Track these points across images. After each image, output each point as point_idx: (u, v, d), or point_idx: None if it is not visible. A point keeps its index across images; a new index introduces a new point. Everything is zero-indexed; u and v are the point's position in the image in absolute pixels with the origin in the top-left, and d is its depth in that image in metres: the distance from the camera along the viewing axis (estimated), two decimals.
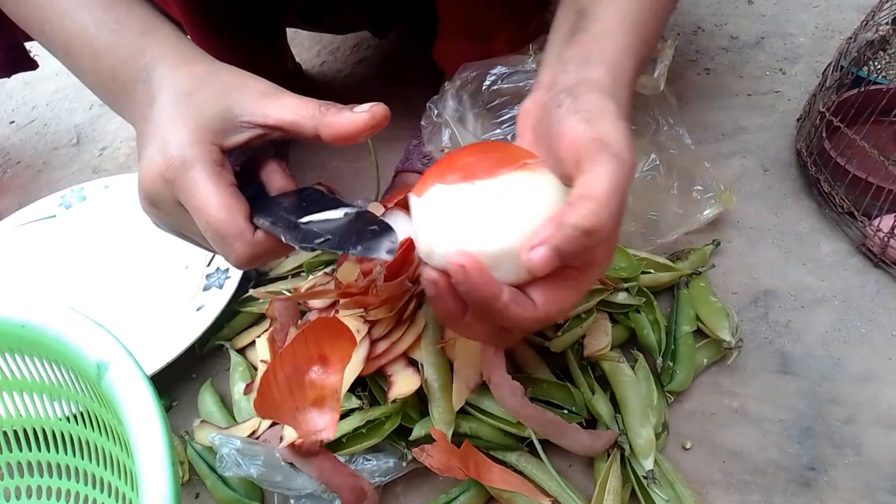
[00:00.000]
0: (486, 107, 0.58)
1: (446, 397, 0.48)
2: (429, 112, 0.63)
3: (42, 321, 0.45)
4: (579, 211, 0.30)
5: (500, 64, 0.59)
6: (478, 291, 0.32)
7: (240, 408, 0.57)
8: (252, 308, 0.65)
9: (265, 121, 0.37)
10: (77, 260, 0.73)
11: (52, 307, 0.45)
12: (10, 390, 0.51)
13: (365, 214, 0.36)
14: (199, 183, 0.35)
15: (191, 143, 0.36)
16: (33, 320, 0.45)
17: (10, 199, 0.87)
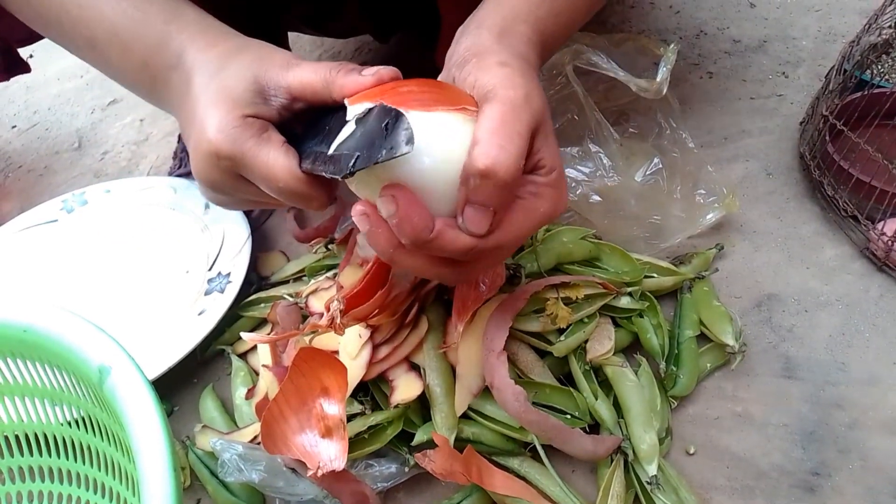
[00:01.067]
0: None
1: (449, 402, 0.48)
2: None
3: (44, 326, 0.45)
4: (470, 159, 0.32)
5: None
6: (409, 223, 0.32)
7: (241, 413, 0.57)
8: (254, 313, 0.65)
9: (288, 90, 0.38)
10: (79, 264, 0.73)
11: (54, 311, 0.45)
12: (12, 395, 0.51)
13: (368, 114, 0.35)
14: (256, 154, 0.36)
15: (232, 124, 0.37)
16: (36, 325, 0.45)
17: (11, 203, 0.87)
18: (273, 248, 0.74)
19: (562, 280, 0.51)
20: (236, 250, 0.68)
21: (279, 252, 0.73)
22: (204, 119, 0.37)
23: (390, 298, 0.48)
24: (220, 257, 0.68)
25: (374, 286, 0.47)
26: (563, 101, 0.55)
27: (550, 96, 0.55)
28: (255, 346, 0.63)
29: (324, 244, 0.64)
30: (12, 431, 0.52)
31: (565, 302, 0.51)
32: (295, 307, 0.59)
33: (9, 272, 0.72)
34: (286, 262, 0.71)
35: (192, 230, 0.73)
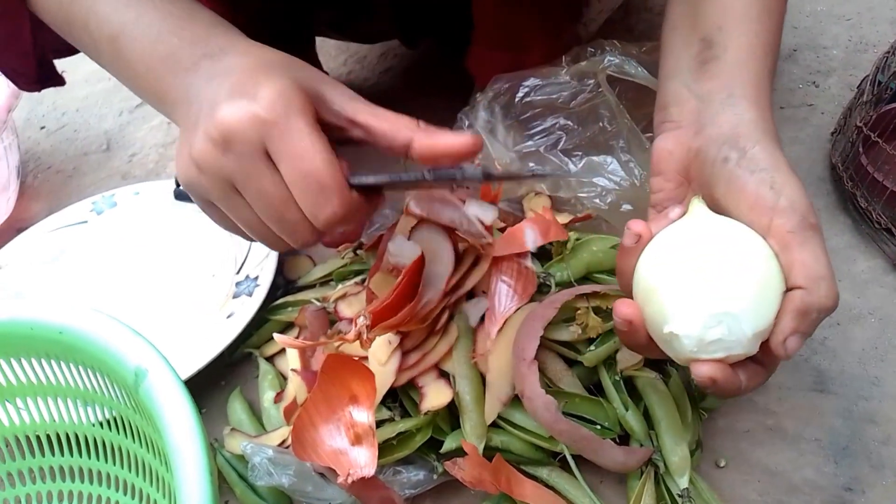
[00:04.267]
0: (518, 118, 0.58)
1: (478, 410, 0.48)
2: (459, 123, 0.63)
3: (80, 327, 0.45)
4: (819, 294, 0.33)
5: (532, 76, 0.59)
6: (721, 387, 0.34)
7: (269, 416, 0.57)
8: (281, 316, 0.65)
9: (356, 118, 0.37)
10: (107, 265, 0.73)
11: (90, 314, 0.46)
12: (45, 395, 0.51)
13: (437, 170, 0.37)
14: (303, 130, 0.34)
15: (294, 93, 0.34)
16: (71, 326, 0.46)
17: (40, 203, 0.88)
18: (299, 253, 0.74)
19: (592, 289, 0.51)
20: (264, 254, 0.68)
21: (305, 256, 0.73)
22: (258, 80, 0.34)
23: (420, 306, 0.48)
24: (248, 261, 0.69)
25: (404, 298, 0.47)
26: (593, 109, 0.55)
27: (581, 104, 0.55)
28: (282, 349, 0.63)
29: (352, 249, 0.64)
30: (45, 431, 0.52)
31: (595, 311, 0.51)
32: (322, 312, 0.59)
33: (39, 272, 0.73)
34: (312, 267, 0.72)
35: (220, 233, 0.73)
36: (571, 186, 0.56)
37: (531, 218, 0.54)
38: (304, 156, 0.34)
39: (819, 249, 0.33)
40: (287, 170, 0.34)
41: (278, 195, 0.35)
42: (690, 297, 0.33)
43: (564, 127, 0.56)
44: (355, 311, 0.55)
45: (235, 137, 0.34)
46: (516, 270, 0.51)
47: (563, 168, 0.55)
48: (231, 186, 0.36)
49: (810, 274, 0.33)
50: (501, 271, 0.50)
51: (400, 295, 0.46)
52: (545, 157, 0.56)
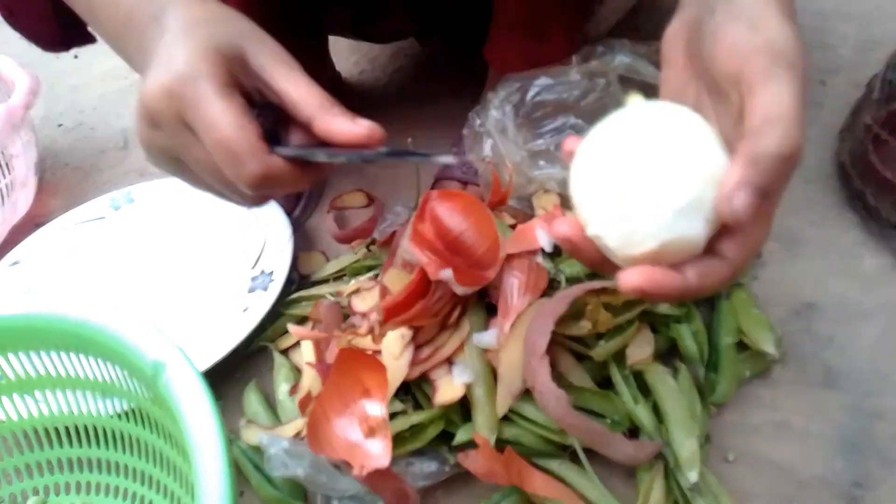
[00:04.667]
0: (528, 117, 0.59)
1: (490, 404, 0.49)
2: (470, 122, 0.64)
3: (100, 322, 0.46)
4: (771, 136, 0.27)
5: (543, 75, 0.59)
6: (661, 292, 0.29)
7: (284, 408, 0.58)
8: (295, 311, 0.66)
9: (271, 82, 0.36)
10: (125, 261, 0.75)
11: (110, 309, 0.47)
12: (65, 387, 0.52)
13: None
14: (210, 97, 0.33)
15: (201, 59, 0.34)
16: (91, 321, 0.47)
17: (58, 200, 0.89)
18: (313, 248, 0.75)
19: (602, 285, 0.51)
20: (279, 249, 0.70)
21: (319, 252, 0.74)
22: (173, 53, 0.35)
23: (433, 301, 0.49)
24: (263, 255, 0.70)
25: (418, 294, 0.48)
26: (603, 108, 0.55)
27: (591, 102, 0.56)
28: (296, 343, 0.64)
29: (365, 245, 0.65)
30: (63, 423, 0.53)
31: (605, 307, 0.51)
32: (336, 306, 0.60)
33: (57, 268, 0.74)
34: (326, 262, 0.73)
35: (235, 229, 0.74)
36: None
37: (543, 216, 0.55)
38: (212, 124, 0.34)
39: (785, 88, 0.28)
40: (203, 139, 0.34)
41: (208, 162, 0.36)
42: (604, 192, 0.30)
43: (575, 126, 0.56)
44: (368, 305, 0.56)
45: (156, 115, 0.35)
46: (528, 267, 0.52)
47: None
48: (174, 157, 0.37)
49: (766, 115, 0.28)
50: (513, 267, 0.51)
51: (413, 291, 0.47)
52: (555, 156, 0.57)
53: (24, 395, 0.53)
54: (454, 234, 0.49)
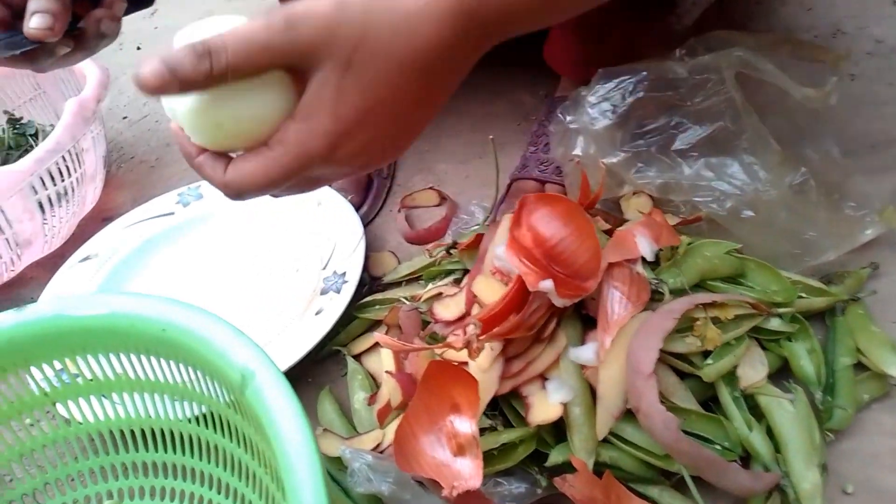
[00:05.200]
0: (626, 115, 0.55)
1: (589, 424, 0.46)
2: (559, 118, 0.60)
3: (184, 325, 0.44)
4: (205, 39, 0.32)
5: (644, 69, 0.55)
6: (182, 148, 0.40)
7: (360, 417, 0.56)
8: (368, 314, 0.64)
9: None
10: (193, 259, 0.74)
11: (194, 312, 0.45)
12: (142, 390, 0.51)
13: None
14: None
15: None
16: (175, 323, 0.45)
17: (124, 194, 0.89)
18: (382, 248, 0.73)
19: (711, 298, 0.47)
20: (350, 249, 0.67)
21: (389, 252, 0.72)
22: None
23: (530, 313, 0.45)
24: (334, 256, 0.68)
25: (514, 307, 0.45)
26: (714, 107, 0.51)
27: (700, 102, 0.52)
28: (370, 347, 0.62)
29: (445, 249, 0.62)
30: (139, 426, 0.52)
31: (713, 322, 0.47)
32: (415, 312, 0.57)
33: (127, 264, 0.73)
34: (397, 263, 0.70)
35: (305, 227, 0.73)
36: (684, 189, 0.52)
37: (642, 221, 0.51)
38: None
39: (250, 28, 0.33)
40: None
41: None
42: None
43: (679, 125, 0.52)
44: (452, 313, 0.53)
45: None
46: (629, 277, 0.48)
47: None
48: None
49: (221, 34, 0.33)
50: (613, 277, 0.48)
51: (510, 302, 0.44)
52: (656, 158, 0.53)
53: (101, 397, 0.52)
54: (553, 241, 0.46)
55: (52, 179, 0.72)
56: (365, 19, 0.33)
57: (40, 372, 0.50)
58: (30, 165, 0.68)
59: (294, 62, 0.34)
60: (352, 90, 0.34)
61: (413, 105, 0.36)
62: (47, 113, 0.95)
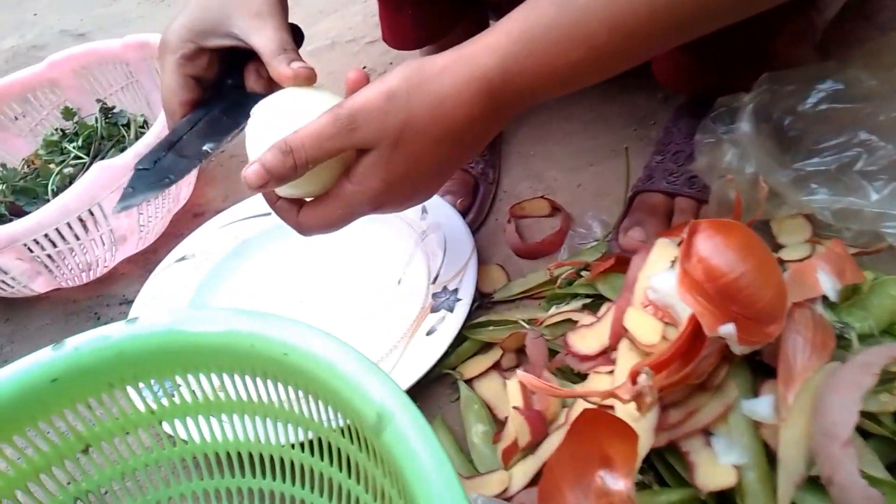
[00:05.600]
0: (796, 129, 0.48)
1: (766, 492, 0.39)
2: (710, 126, 0.53)
3: (310, 351, 0.40)
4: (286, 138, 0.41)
5: (817, 76, 0.48)
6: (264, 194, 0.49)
7: (479, 453, 0.51)
8: (481, 336, 0.59)
9: (245, 39, 0.48)
10: (289, 265, 0.70)
11: (322, 337, 0.41)
12: (253, 414, 0.47)
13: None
14: (166, 66, 0.50)
15: (176, 33, 0.49)
16: (300, 349, 0.41)
17: (216, 189, 0.87)
18: (489, 261, 0.67)
19: None
20: (460, 263, 0.62)
21: (497, 266, 0.66)
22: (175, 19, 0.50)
23: (701, 360, 0.39)
24: (443, 270, 0.63)
25: (684, 352, 0.39)
26: None
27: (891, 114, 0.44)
28: (484, 372, 0.57)
29: (576, 270, 0.56)
30: (247, 450, 0.49)
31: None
32: (542, 340, 0.52)
33: (222, 267, 0.70)
34: (506, 279, 0.65)
35: (410, 237, 0.68)
36: (868, 217, 0.45)
37: (822, 254, 0.44)
38: (161, 83, 0.51)
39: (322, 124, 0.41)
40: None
41: None
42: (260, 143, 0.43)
43: (866, 143, 0.45)
44: (591, 346, 0.47)
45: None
46: (811, 319, 0.41)
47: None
48: None
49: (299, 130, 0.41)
50: (794, 320, 0.41)
51: (680, 349, 0.38)
52: (835, 179, 0.46)
53: (209, 418, 0.48)
54: (730, 276, 0.40)
55: None
56: (409, 106, 0.41)
57: (148, 388, 0.46)
58: (130, 160, 0.66)
59: (355, 147, 0.42)
60: (398, 162, 0.42)
61: (446, 165, 0.45)
62: (139, 102, 0.93)
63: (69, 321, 0.74)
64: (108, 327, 0.45)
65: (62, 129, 0.88)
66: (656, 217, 0.61)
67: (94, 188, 0.63)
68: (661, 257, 0.45)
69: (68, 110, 0.89)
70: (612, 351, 0.46)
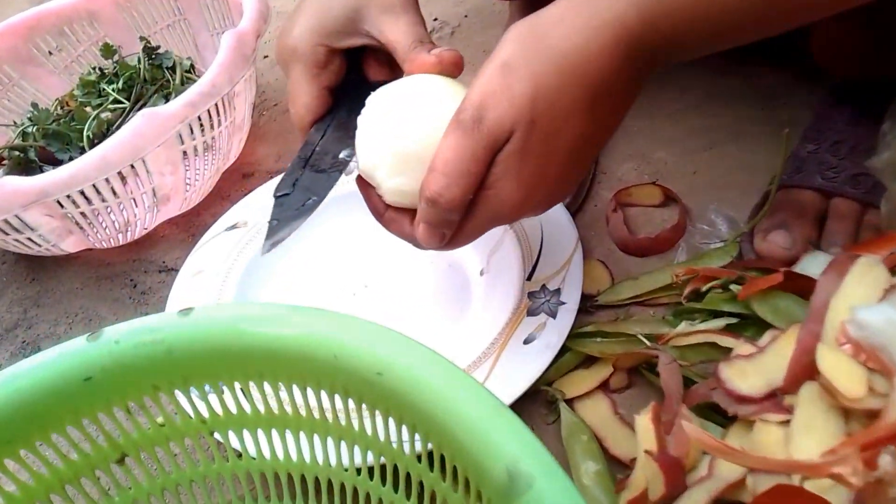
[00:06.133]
0: None
1: None
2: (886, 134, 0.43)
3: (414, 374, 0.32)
4: (425, 183, 0.36)
5: None
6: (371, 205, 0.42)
7: (592, 498, 0.42)
8: (583, 347, 0.49)
9: (378, 36, 0.42)
10: (354, 242, 0.60)
11: (434, 359, 0.32)
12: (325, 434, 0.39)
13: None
14: (297, 77, 0.43)
15: (302, 38, 0.43)
16: (401, 368, 0.32)
17: (267, 147, 0.77)
18: (588, 256, 0.57)
19: None
20: (562, 258, 0.52)
21: (598, 262, 0.56)
22: (293, 22, 0.43)
23: None
24: (541, 264, 0.53)
25: None
26: None
27: None
28: (587, 392, 0.48)
29: (721, 284, 0.46)
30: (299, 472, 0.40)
31: None
32: (677, 366, 0.42)
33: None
34: (609, 279, 0.55)
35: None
36: None
37: None
38: (292, 97, 0.44)
39: (452, 145, 0.35)
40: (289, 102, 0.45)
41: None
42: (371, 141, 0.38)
43: None
44: (754, 385, 0.37)
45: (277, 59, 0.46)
46: None
47: None
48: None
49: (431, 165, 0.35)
50: None
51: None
52: None
53: (269, 433, 0.40)
54: None
55: (202, 127, 0.60)
56: (531, 71, 0.34)
57: (201, 394, 0.38)
58: (180, 110, 0.56)
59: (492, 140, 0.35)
60: (537, 143, 0.35)
61: (589, 142, 0.37)
62: (186, 44, 0.83)
63: (101, 286, 0.66)
64: (156, 318, 0.37)
65: (101, 69, 0.79)
66: (804, 219, 0.51)
67: (138, 139, 0.54)
68: (864, 282, 0.35)
69: (108, 47, 0.80)
70: (783, 393, 0.36)
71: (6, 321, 0.65)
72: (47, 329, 0.64)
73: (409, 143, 0.37)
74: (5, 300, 0.67)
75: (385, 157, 0.38)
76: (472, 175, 0.35)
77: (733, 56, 0.70)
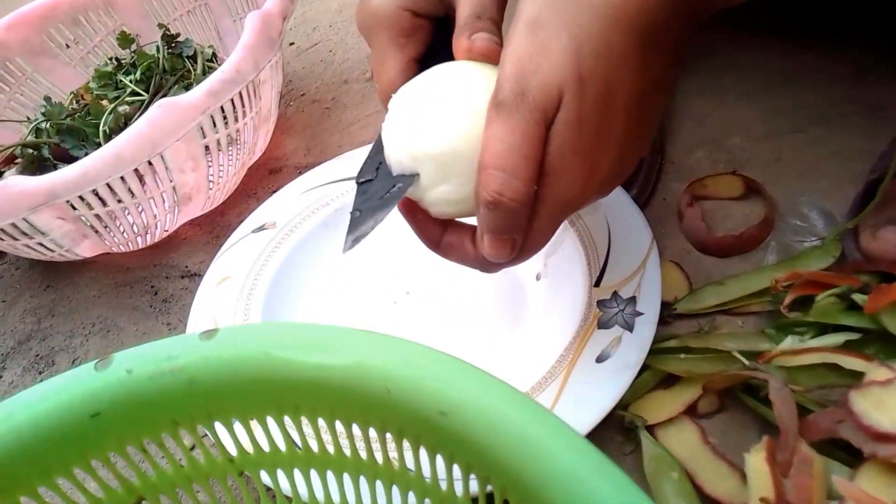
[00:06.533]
0: None
1: None
2: None
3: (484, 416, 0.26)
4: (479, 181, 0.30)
5: None
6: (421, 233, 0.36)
7: None
8: (663, 364, 0.43)
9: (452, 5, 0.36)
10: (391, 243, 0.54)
11: (511, 398, 0.26)
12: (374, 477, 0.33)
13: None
14: (381, 46, 0.38)
15: (386, 3, 0.37)
16: (467, 408, 0.26)
17: (296, 139, 0.71)
18: (659, 257, 0.50)
19: None
20: (635, 261, 0.46)
21: (672, 264, 0.50)
22: None
23: None
24: (610, 268, 0.47)
25: None
26: None
27: None
28: (669, 419, 0.41)
29: (840, 291, 0.39)
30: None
31: None
32: (789, 392, 0.35)
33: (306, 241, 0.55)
34: (686, 283, 0.48)
35: None
36: None
37: None
38: (376, 70, 0.38)
39: (499, 132, 0.29)
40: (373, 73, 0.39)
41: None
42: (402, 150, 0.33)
43: None
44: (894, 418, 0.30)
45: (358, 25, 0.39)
46: None
47: None
48: None
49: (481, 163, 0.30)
50: None
51: None
52: None
53: (307, 472, 0.34)
54: None
55: (224, 119, 0.55)
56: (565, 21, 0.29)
57: (228, 429, 0.32)
58: (201, 99, 0.51)
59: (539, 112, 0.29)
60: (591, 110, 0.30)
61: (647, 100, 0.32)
62: (207, 31, 0.78)
63: (120, 294, 0.61)
64: (175, 342, 0.31)
65: (118, 59, 0.74)
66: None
67: (156, 133, 0.49)
68: None
69: (125, 36, 0.75)
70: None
71: (19, 332, 0.61)
72: (62, 341, 0.59)
73: (447, 143, 0.31)
74: (18, 309, 0.63)
75: (422, 164, 0.32)
76: (530, 160, 0.30)
77: (810, 30, 0.63)
